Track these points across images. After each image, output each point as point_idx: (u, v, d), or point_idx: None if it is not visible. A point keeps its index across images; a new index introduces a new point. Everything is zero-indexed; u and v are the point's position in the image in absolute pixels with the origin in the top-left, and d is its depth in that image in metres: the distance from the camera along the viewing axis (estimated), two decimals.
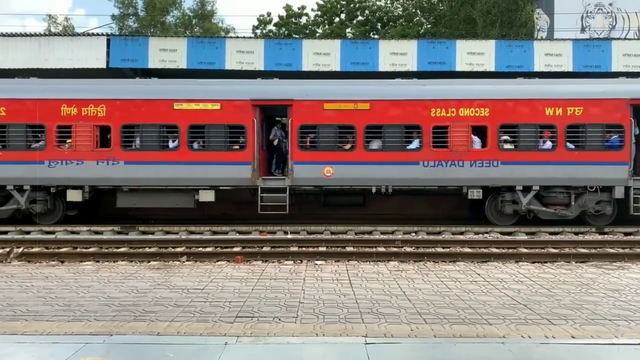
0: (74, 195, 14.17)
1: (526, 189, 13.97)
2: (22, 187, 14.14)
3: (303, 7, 40.44)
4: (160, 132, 14.13)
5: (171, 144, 14.19)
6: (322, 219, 15.14)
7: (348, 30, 39.01)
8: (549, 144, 14.01)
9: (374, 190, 14.17)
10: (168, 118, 14.08)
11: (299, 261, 9.74)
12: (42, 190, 14.26)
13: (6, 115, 14.09)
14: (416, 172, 13.90)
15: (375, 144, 14.13)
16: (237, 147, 14.12)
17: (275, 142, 14.95)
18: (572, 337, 5.36)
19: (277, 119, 15.64)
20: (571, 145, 13.96)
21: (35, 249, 10.98)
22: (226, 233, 13.69)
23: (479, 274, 8.47)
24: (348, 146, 14.11)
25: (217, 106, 13.99)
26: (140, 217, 15.32)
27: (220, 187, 14.29)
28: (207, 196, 14.14)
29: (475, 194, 14.00)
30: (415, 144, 14.07)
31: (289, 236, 12.96)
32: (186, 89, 14.32)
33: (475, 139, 14.05)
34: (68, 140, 14.09)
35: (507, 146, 14.01)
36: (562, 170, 13.85)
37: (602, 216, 14.17)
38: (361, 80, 15.59)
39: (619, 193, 13.83)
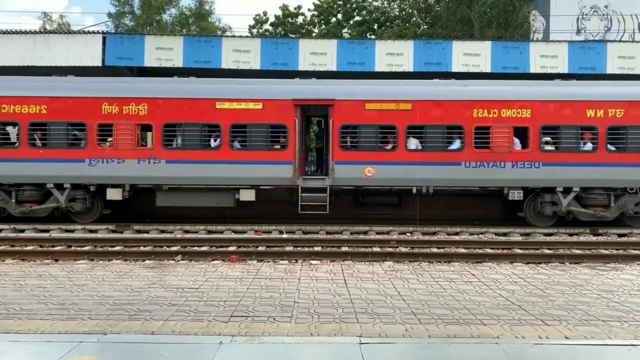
0: (114, 194, 14.12)
1: (566, 190, 13.99)
2: (62, 185, 14.06)
3: (299, 7, 40.47)
4: (202, 131, 14.08)
5: (213, 143, 14.15)
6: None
7: (345, 30, 39.05)
8: (589, 146, 14.04)
9: (414, 190, 14.13)
10: (210, 117, 14.04)
11: (294, 261, 9.72)
12: (81, 188, 14.20)
13: (47, 113, 13.97)
14: (458, 172, 13.91)
15: (417, 144, 14.10)
16: (278, 146, 14.09)
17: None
18: (566, 337, 5.38)
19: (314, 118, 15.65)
20: (612, 147, 14.01)
21: (30, 247, 10.94)
22: (221, 232, 13.67)
23: (473, 275, 8.49)
24: (389, 146, 14.08)
25: (259, 106, 13.96)
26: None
27: (261, 187, 14.26)
28: (247, 195, 14.12)
29: (516, 195, 14.04)
30: (457, 144, 14.06)
31: (284, 236, 12.94)
32: (228, 88, 14.32)
33: (516, 140, 14.07)
34: (109, 139, 14.01)
35: (549, 147, 14.07)
36: (603, 172, 13.89)
37: None
38: (403, 81, 15.63)
39: None
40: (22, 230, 13.61)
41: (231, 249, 10.90)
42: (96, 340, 5.10)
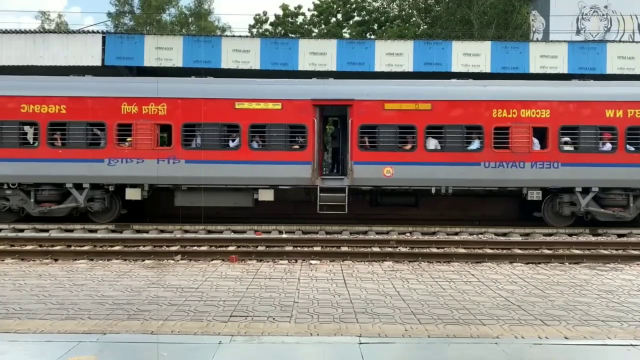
0: (132, 194, 14.11)
1: (585, 191, 13.99)
2: (81, 185, 14.04)
3: (299, 7, 40.48)
4: (222, 132, 14.10)
5: (232, 143, 14.16)
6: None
7: (344, 30, 39.04)
8: (608, 146, 14.05)
9: (433, 190, 14.13)
10: (229, 117, 14.06)
11: (294, 261, 9.73)
12: (100, 188, 14.20)
13: (67, 113, 13.96)
14: (477, 172, 13.91)
15: (436, 145, 14.10)
16: (297, 146, 14.09)
17: None
18: (565, 337, 5.38)
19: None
20: (631, 147, 14.00)
21: (29, 247, 10.93)
22: (221, 232, 13.67)
23: (473, 275, 8.49)
24: (408, 146, 14.06)
25: (278, 106, 13.98)
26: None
27: (280, 187, 14.25)
28: (266, 195, 14.14)
29: (535, 196, 14.05)
30: (476, 144, 14.06)
31: (284, 235, 12.95)
32: (248, 88, 14.33)
33: (535, 140, 14.07)
34: (128, 139, 13.99)
35: (568, 148, 14.06)
36: (622, 172, 13.91)
37: None
38: (422, 81, 15.61)
39: None
40: (22, 230, 13.62)
41: (231, 248, 10.90)
42: (95, 340, 5.10)
